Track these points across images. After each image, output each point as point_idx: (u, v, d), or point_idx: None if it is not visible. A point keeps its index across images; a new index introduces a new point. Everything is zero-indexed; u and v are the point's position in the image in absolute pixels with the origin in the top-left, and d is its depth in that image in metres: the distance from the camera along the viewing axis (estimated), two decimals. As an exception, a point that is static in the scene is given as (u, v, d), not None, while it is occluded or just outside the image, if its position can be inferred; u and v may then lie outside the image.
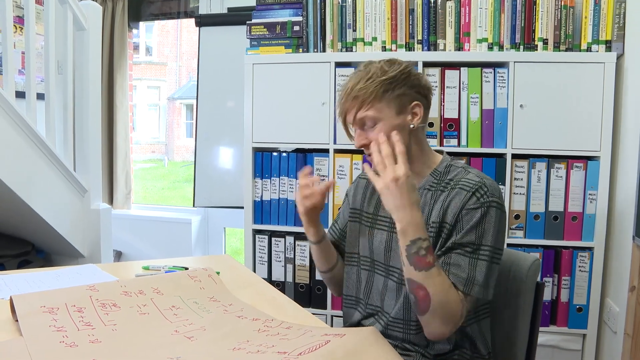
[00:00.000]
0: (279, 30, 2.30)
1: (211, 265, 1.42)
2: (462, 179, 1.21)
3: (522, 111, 2.08)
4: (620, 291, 1.95)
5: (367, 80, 1.20)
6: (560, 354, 2.11)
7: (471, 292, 1.13)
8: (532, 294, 1.35)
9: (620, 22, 2.03)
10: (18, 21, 3.04)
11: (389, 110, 1.21)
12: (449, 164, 1.28)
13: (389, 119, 1.20)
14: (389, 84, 1.20)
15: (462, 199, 1.17)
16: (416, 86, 1.23)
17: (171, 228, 3.62)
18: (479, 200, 1.16)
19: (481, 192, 1.17)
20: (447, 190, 1.22)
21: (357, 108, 1.21)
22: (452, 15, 2.15)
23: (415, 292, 1.11)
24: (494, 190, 1.18)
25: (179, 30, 17.51)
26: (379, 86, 1.19)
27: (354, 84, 1.21)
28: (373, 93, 1.19)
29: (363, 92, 1.19)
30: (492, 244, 1.16)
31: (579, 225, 2.07)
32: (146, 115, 17.34)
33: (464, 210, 1.17)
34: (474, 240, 1.15)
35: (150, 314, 1.10)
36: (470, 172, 1.23)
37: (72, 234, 2.66)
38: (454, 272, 1.14)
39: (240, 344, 0.97)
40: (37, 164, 2.41)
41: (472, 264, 1.14)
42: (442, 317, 1.11)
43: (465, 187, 1.19)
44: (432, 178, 1.26)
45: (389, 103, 1.20)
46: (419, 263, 1.09)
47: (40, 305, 1.04)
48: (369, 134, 1.22)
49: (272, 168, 2.31)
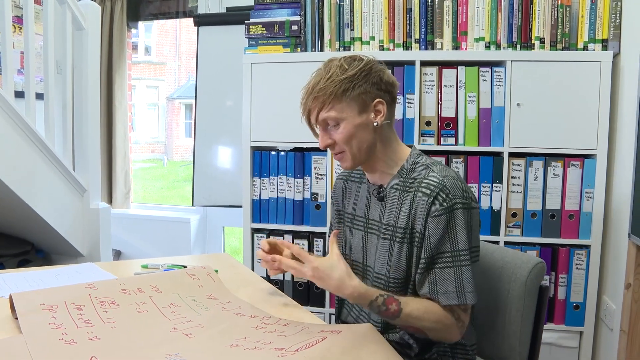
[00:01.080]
0: (277, 30, 2.31)
1: (210, 263, 1.43)
2: (424, 180, 1.18)
3: (519, 110, 2.09)
4: (616, 288, 1.96)
5: (326, 80, 1.17)
6: (558, 351, 2.12)
7: (467, 301, 1.13)
8: (534, 296, 1.32)
9: (616, 21, 2.04)
10: (17, 21, 3.04)
11: (350, 110, 1.18)
12: (414, 161, 1.25)
13: (351, 118, 1.18)
14: (348, 82, 1.17)
15: (426, 205, 1.15)
16: (377, 83, 1.20)
17: (170, 227, 3.63)
18: (442, 204, 1.13)
19: (442, 195, 1.14)
20: (411, 191, 1.20)
21: (318, 109, 1.19)
22: (450, 14, 2.16)
23: (406, 329, 1.20)
24: (455, 190, 1.14)
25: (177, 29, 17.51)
26: (338, 86, 1.16)
27: (314, 83, 1.19)
28: (332, 93, 1.16)
29: (322, 92, 1.17)
30: (467, 246, 1.14)
31: (575, 223, 2.08)
32: (145, 115, 17.33)
33: (429, 218, 1.15)
34: (449, 249, 1.14)
35: (148, 312, 1.11)
36: (432, 171, 1.19)
37: (71, 233, 2.67)
38: (442, 289, 1.14)
39: (238, 340, 0.98)
40: (36, 163, 2.42)
41: (457, 273, 1.14)
42: (444, 331, 1.15)
43: (427, 191, 1.16)
44: (399, 177, 1.24)
45: (350, 102, 1.18)
46: (388, 316, 1.12)
47: (39, 303, 1.05)
48: (332, 134, 1.21)
49: (271, 167, 2.32)
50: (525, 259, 1.34)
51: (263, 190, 2.34)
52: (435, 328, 1.13)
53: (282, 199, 2.32)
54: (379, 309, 1.10)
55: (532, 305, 1.32)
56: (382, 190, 1.26)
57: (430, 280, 1.15)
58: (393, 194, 1.24)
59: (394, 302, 1.10)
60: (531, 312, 1.32)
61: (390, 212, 1.23)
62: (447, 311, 1.14)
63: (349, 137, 1.19)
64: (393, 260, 1.21)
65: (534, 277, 1.31)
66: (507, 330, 1.36)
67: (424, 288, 1.16)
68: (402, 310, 1.10)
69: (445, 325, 1.14)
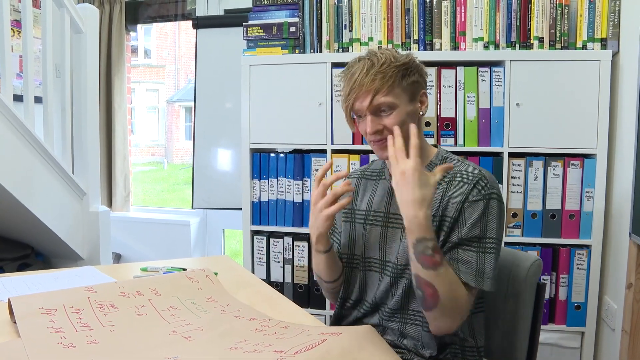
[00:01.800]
0: (275, 32, 2.31)
1: (209, 266, 1.42)
2: (460, 171, 1.22)
3: (519, 110, 2.08)
4: (617, 288, 1.96)
5: (382, 65, 1.17)
6: (559, 351, 2.12)
7: (483, 286, 1.14)
8: (532, 294, 1.34)
9: (615, 20, 2.04)
10: (15, 25, 3.04)
11: (404, 97, 1.20)
12: (444, 156, 1.29)
13: (404, 105, 1.20)
14: (405, 69, 1.19)
15: (464, 192, 1.18)
16: (424, 74, 1.25)
17: (170, 230, 3.63)
18: (480, 192, 1.17)
19: (482, 184, 1.18)
20: (444, 182, 1.22)
21: (373, 93, 1.17)
22: (448, 14, 2.16)
23: (422, 288, 1.10)
24: (493, 182, 1.19)
25: (177, 32, 17.52)
26: (396, 71, 1.18)
27: (367, 68, 1.18)
28: (392, 78, 1.17)
29: (380, 76, 1.16)
30: (496, 236, 1.17)
31: (576, 223, 2.08)
32: (145, 118, 17.33)
33: (466, 202, 1.17)
34: (478, 234, 1.16)
35: (148, 315, 1.10)
36: (468, 165, 1.24)
37: (71, 236, 2.66)
38: (463, 268, 1.15)
39: (238, 343, 0.98)
40: (35, 167, 2.42)
41: (480, 258, 1.15)
42: (450, 313, 1.11)
43: (466, 180, 1.19)
44: (428, 170, 1.25)
45: (404, 89, 1.20)
46: (427, 262, 1.07)
47: (38, 306, 1.04)
48: (383, 121, 1.20)
49: (270, 169, 2.32)
50: (523, 257, 1.38)
51: (263, 193, 2.33)
52: (451, 302, 1.10)
53: (282, 200, 2.31)
54: (424, 249, 1.06)
55: (531, 303, 1.34)
56: None
57: (453, 258, 1.16)
58: None
59: (439, 253, 1.09)
60: (530, 309, 1.34)
61: None
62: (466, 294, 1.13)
63: (401, 123, 1.19)
64: None
65: (532, 275, 1.34)
66: (507, 327, 1.37)
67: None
68: (441, 264, 1.08)
69: (458, 303, 1.11)
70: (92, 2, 3.53)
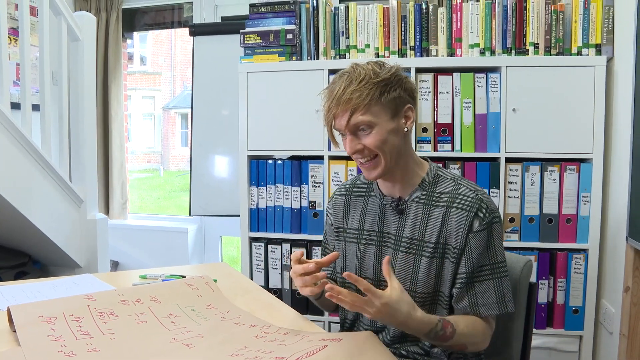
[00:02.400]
0: (272, 39, 2.32)
1: (208, 273, 1.42)
2: (457, 195, 1.20)
3: (515, 115, 2.10)
4: (615, 292, 1.97)
5: (359, 82, 1.14)
6: (557, 356, 2.12)
7: (507, 310, 1.18)
8: (525, 294, 1.36)
9: (609, 26, 2.06)
10: (12, 33, 3.04)
11: (384, 114, 1.16)
12: (436, 174, 1.26)
13: (384, 123, 1.15)
14: (384, 86, 1.15)
15: (465, 221, 1.17)
16: (408, 89, 1.20)
17: (168, 237, 3.62)
18: (483, 220, 1.17)
19: (482, 211, 1.17)
20: (439, 205, 1.20)
21: (350, 112, 1.14)
22: (444, 21, 2.17)
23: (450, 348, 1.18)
24: (492, 205, 1.19)
25: (172, 39, 17.53)
26: (374, 89, 1.14)
27: (345, 86, 1.14)
28: (369, 96, 1.13)
29: (357, 95, 1.13)
30: (504, 258, 1.20)
31: (573, 227, 2.09)
32: (141, 125, 17.31)
33: (470, 233, 1.17)
34: (489, 262, 1.18)
35: (148, 322, 1.10)
36: (462, 186, 1.21)
37: (68, 244, 2.66)
38: (482, 302, 1.17)
39: (238, 350, 0.98)
40: (32, 174, 2.41)
41: (497, 285, 1.17)
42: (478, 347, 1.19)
43: (465, 207, 1.18)
44: (421, 189, 1.24)
45: (384, 107, 1.15)
46: (443, 340, 1.11)
47: (38, 315, 1.04)
48: (362, 139, 1.17)
49: (268, 176, 2.32)
50: (515, 259, 1.40)
51: (260, 199, 2.34)
52: (478, 342, 1.17)
53: (280, 207, 2.32)
54: (435, 335, 1.09)
55: (524, 303, 1.37)
56: (402, 203, 1.24)
57: (471, 293, 1.17)
58: (415, 207, 1.23)
59: (448, 325, 1.11)
60: (523, 310, 1.37)
61: (413, 226, 1.22)
62: (485, 322, 1.18)
63: (381, 142, 1.16)
64: (420, 275, 1.20)
65: (525, 275, 1.37)
66: (501, 328, 1.38)
67: (464, 302, 1.18)
68: (455, 331, 1.11)
69: (485, 336, 1.18)
70: (89, 10, 3.53)
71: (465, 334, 1.13)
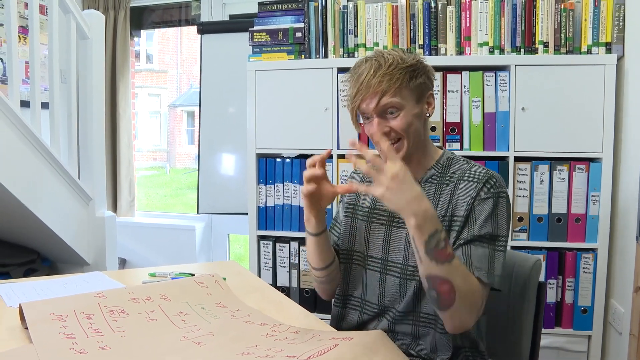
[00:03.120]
0: (281, 37, 2.32)
1: (217, 271, 1.43)
2: (467, 171, 1.22)
3: (524, 114, 2.09)
4: (624, 292, 1.96)
5: (389, 66, 1.17)
6: (566, 355, 2.11)
7: (494, 284, 1.14)
8: (534, 294, 1.36)
9: (619, 24, 2.04)
10: (22, 31, 3.06)
11: (411, 99, 1.20)
12: (450, 157, 1.29)
13: (410, 107, 1.19)
14: (412, 71, 1.19)
15: (473, 190, 1.18)
16: (430, 77, 1.25)
17: (175, 235, 3.63)
18: (490, 190, 1.18)
19: (491, 182, 1.18)
20: (451, 182, 1.23)
21: (380, 94, 1.17)
22: (453, 19, 2.17)
23: (438, 287, 1.05)
24: (501, 182, 1.20)
25: (179, 37, 17.57)
26: (404, 73, 1.18)
27: (374, 69, 1.17)
28: (399, 79, 1.17)
29: (388, 77, 1.16)
30: (505, 234, 1.18)
31: (582, 226, 2.08)
32: (147, 122, 17.37)
33: (476, 200, 1.17)
34: (490, 232, 1.16)
35: (158, 320, 1.10)
36: (475, 165, 1.25)
37: (77, 241, 2.67)
38: (476, 264, 1.13)
39: (249, 348, 0.98)
40: (42, 172, 2.42)
41: (491, 256, 1.15)
42: (467, 307, 1.09)
43: (474, 179, 1.20)
44: (435, 171, 1.26)
45: (411, 91, 1.19)
46: (441, 256, 1.03)
47: (49, 312, 1.05)
48: (390, 122, 1.19)
49: (276, 174, 2.32)
50: (524, 258, 1.41)
51: (269, 197, 2.34)
52: (467, 295, 1.07)
53: (288, 205, 2.32)
54: (437, 244, 1.02)
55: (533, 302, 1.37)
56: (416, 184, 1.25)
57: (465, 253, 1.15)
58: (429, 187, 1.25)
59: (449, 245, 1.06)
60: (532, 309, 1.37)
61: None
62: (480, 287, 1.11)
63: (408, 125, 1.19)
64: None
65: (535, 274, 1.37)
66: (511, 327, 1.39)
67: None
68: (453, 257, 1.05)
69: (474, 296, 1.09)
70: (98, 8, 3.54)
71: (461, 268, 1.07)
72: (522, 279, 1.38)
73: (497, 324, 1.40)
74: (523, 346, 1.37)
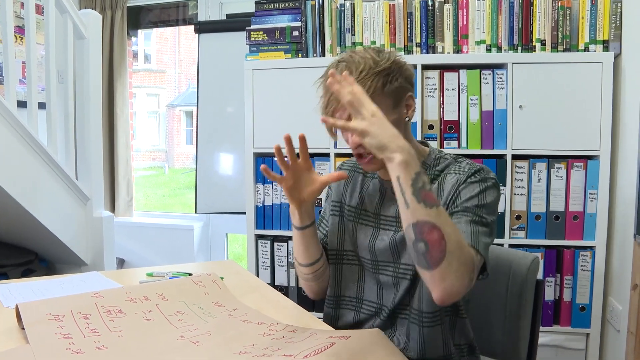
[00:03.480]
0: (278, 36, 2.31)
1: (215, 270, 1.42)
2: (454, 166, 1.18)
3: (522, 112, 2.09)
4: (622, 289, 1.96)
5: (360, 72, 1.08)
6: (564, 353, 2.12)
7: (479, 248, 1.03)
8: (532, 292, 1.36)
9: (617, 22, 2.04)
10: (18, 31, 3.05)
11: (386, 105, 1.10)
12: (437, 156, 1.23)
13: (387, 114, 1.03)
14: (385, 76, 1.10)
15: (459, 180, 1.12)
16: (408, 77, 1.16)
17: (173, 235, 3.63)
18: (476, 177, 1.12)
19: (478, 172, 1.13)
20: (438, 179, 1.18)
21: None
22: (450, 17, 2.16)
23: (426, 236, 0.93)
24: (489, 172, 1.14)
25: (177, 37, 17.56)
26: (376, 80, 1.08)
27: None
28: (371, 88, 1.08)
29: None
30: (493, 219, 1.10)
31: (580, 224, 2.08)
32: (146, 122, 17.36)
33: (461, 186, 1.11)
34: (475, 208, 1.08)
35: (155, 320, 1.10)
36: (463, 161, 1.19)
37: (75, 242, 2.67)
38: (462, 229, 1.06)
39: (246, 347, 0.98)
40: (39, 172, 2.42)
41: (475, 230, 1.06)
42: (459, 264, 0.94)
43: (461, 171, 1.14)
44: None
45: (386, 98, 1.10)
46: (429, 198, 0.93)
47: (46, 312, 1.04)
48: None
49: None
50: (521, 256, 1.40)
51: (266, 197, 2.34)
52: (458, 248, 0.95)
53: (286, 204, 2.31)
54: (424, 185, 0.94)
55: (531, 300, 1.37)
56: None
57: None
58: None
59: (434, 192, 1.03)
60: (530, 307, 1.37)
61: None
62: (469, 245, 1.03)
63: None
64: None
65: (532, 273, 1.36)
66: (509, 326, 1.39)
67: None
68: (439, 203, 0.96)
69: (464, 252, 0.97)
70: (94, 8, 3.54)
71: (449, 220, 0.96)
72: (519, 277, 1.37)
73: (494, 322, 1.40)
74: (521, 344, 1.37)
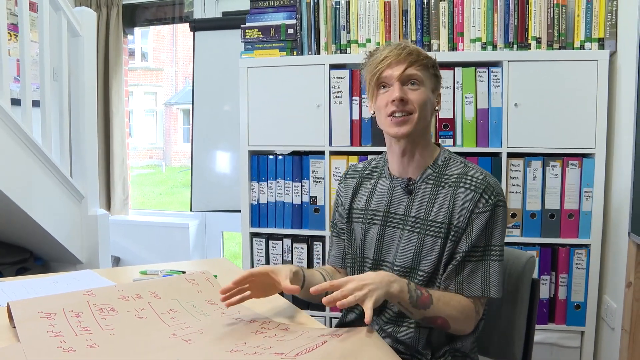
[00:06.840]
0: (273, 34, 2.31)
1: (209, 268, 1.42)
2: (464, 176, 1.21)
3: (517, 110, 2.08)
4: (617, 287, 1.96)
5: (414, 49, 1.22)
6: (559, 351, 2.12)
7: (491, 295, 1.18)
8: (528, 291, 1.36)
9: (612, 20, 2.04)
10: (12, 29, 3.04)
11: (429, 83, 1.24)
12: (447, 157, 1.28)
13: (427, 89, 1.23)
14: (432, 62, 1.25)
15: (471, 201, 1.18)
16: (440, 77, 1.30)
17: (169, 233, 3.62)
18: (487, 202, 1.18)
19: (488, 192, 1.18)
20: (447, 186, 1.22)
21: (408, 63, 1.20)
22: (446, 15, 2.16)
23: (433, 323, 1.15)
24: (498, 189, 1.20)
25: (174, 35, 17.51)
26: (427, 60, 1.23)
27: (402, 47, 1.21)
28: (425, 59, 1.23)
29: (416, 54, 1.21)
30: (500, 242, 1.19)
31: (575, 222, 2.08)
32: (143, 121, 17.32)
33: (473, 214, 1.18)
34: (483, 243, 1.18)
35: (147, 318, 1.10)
36: (472, 168, 1.24)
37: (69, 240, 2.66)
38: (467, 282, 1.18)
39: (238, 345, 0.98)
40: (33, 171, 2.41)
41: (485, 267, 1.18)
42: (464, 321, 1.17)
43: (472, 187, 1.19)
44: (431, 171, 1.26)
45: (430, 78, 1.24)
46: (424, 302, 1.11)
47: (37, 310, 1.04)
48: (409, 94, 1.20)
49: (269, 171, 2.32)
50: (517, 254, 1.41)
51: (261, 195, 2.33)
52: (459, 318, 1.16)
53: (281, 202, 2.31)
54: (417, 295, 1.10)
55: (526, 299, 1.37)
56: (412, 183, 1.26)
57: (458, 272, 1.18)
58: (424, 187, 1.25)
59: (421, 289, 1.13)
60: (526, 306, 1.37)
61: (420, 206, 1.24)
62: (469, 302, 1.18)
63: (423, 102, 1.21)
64: (424, 253, 1.21)
65: (528, 271, 1.37)
66: (504, 324, 1.39)
67: (449, 280, 1.19)
68: (432, 295, 1.12)
69: (467, 316, 1.17)
70: (89, 5, 3.52)
71: (444, 301, 1.14)
72: (515, 275, 1.37)
73: (490, 320, 1.40)
74: (516, 342, 1.37)
